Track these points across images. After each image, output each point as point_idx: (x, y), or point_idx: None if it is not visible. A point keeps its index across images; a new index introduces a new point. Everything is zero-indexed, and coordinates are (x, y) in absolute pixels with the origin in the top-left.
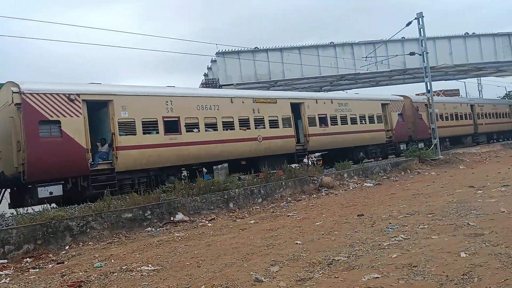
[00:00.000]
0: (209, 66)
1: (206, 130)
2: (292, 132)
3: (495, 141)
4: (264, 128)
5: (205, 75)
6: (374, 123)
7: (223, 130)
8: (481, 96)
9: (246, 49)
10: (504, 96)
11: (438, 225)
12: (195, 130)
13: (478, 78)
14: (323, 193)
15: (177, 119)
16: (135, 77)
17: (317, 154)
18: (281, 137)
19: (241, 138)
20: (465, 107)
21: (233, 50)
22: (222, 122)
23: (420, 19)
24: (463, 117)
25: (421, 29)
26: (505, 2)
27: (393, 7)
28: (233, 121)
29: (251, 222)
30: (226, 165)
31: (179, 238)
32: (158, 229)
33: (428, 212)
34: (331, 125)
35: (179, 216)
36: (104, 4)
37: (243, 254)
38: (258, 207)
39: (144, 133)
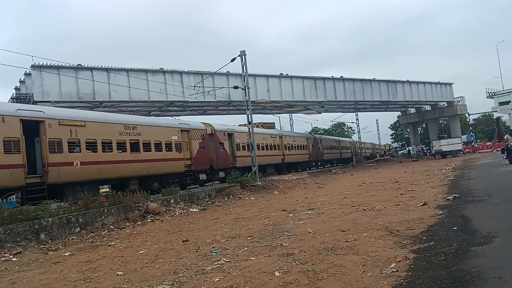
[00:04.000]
0: (22, 80)
1: None
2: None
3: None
4: None
5: (17, 88)
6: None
7: None
8: (292, 129)
9: (67, 64)
10: (310, 131)
11: (256, 247)
12: None
13: (290, 114)
14: (148, 220)
15: None
16: None
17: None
18: None
19: None
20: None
21: (52, 64)
22: None
23: (243, 56)
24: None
25: (244, 66)
26: (312, 50)
27: (220, 42)
28: None
29: (66, 254)
30: None
31: None
32: None
33: (247, 235)
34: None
35: None
36: None
37: None
38: (75, 237)
39: None
